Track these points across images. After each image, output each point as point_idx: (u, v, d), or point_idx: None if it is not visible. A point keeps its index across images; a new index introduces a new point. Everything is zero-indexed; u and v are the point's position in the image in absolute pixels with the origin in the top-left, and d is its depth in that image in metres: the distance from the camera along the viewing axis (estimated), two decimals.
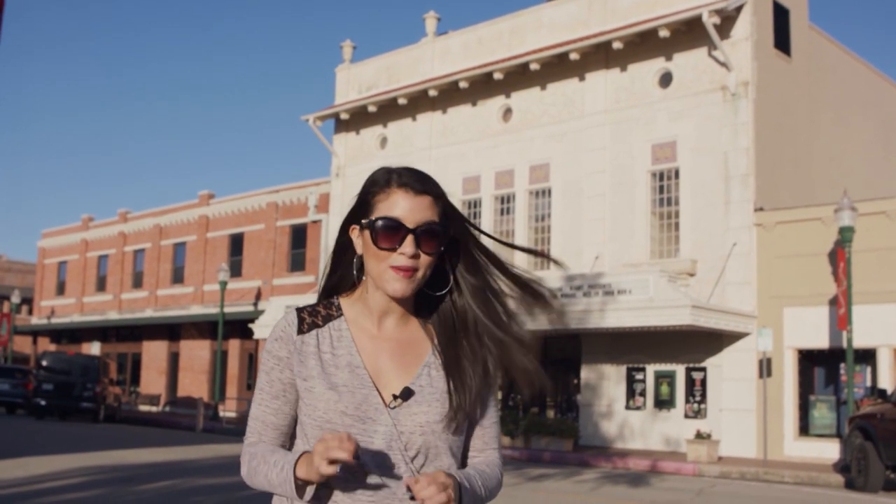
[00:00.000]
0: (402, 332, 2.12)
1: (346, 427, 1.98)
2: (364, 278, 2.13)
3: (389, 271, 2.02)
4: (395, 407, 2.01)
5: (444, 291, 2.14)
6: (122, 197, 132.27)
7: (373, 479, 1.98)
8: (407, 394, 2.03)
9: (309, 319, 2.11)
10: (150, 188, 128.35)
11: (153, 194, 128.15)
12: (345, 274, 2.18)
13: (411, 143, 31.73)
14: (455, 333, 2.14)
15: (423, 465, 2.02)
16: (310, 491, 1.94)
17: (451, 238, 2.10)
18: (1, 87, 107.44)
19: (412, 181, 2.05)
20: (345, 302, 2.15)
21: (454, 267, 2.15)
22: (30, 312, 56.47)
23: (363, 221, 2.06)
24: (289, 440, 2.13)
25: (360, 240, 2.09)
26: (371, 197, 2.07)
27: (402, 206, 2.02)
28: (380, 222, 2.02)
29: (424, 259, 2.03)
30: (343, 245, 2.17)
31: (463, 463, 2.14)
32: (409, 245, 2.00)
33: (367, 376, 2.04)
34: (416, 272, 2.03)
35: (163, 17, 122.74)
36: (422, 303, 2.16)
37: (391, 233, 2.01)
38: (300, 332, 2.09)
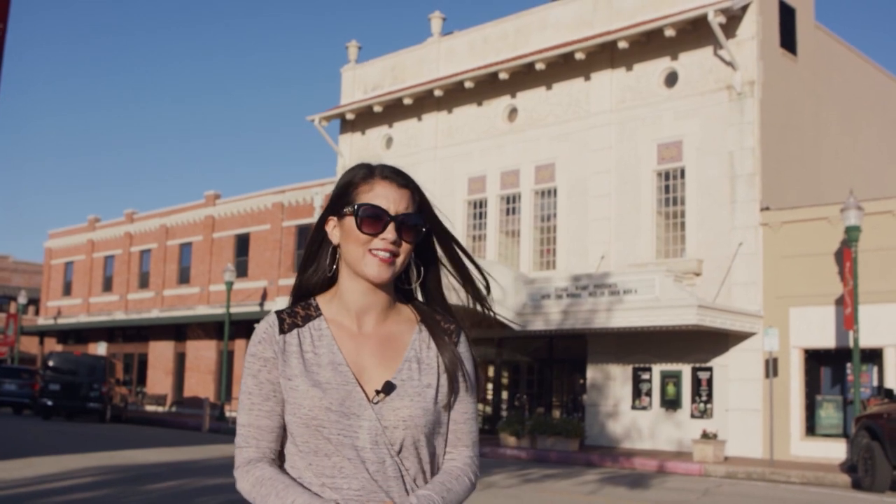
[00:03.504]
0: (381, 328, 2.16)
1: (332, 423, 2.02)
2: (337, 282, 2.18)
3: (369, 255, 2.09)
4: (377, 402, 2.05)
5: (414, 284, 2.22)
6: (129, 197, 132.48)
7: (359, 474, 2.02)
8: (388, 388, 2.06)
9: (289, 320, 2.14)
10: (156, 189, 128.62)
11: (159, 195, 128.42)
12: (318, 268, 2.22)
13: (417, 143, 31.75)
14: (430, 323, 2.21)
15: (408, 457, 2.06)
16: None
17: (426, 232, 2.18)
18: (7, 88, 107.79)
19: (394, 175, 2.18)
20: (322, 301, 2.19)
21: (427, 259, 2.24)
22: (36, 313, 56.60)
23: (345, 210, 2.13)
24: (281, 444, 2.13)
25: (336, 230, 2.16)
26: (352, 188, 2.15)
27: (385, 196, 2.12)
28: (365, 208, 2.10)
29: (404, 247, 2.11)
30: (320, 240, 2.22)
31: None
32: (391, 231, 2.09)
33: (350, 373, 2.07)
34: (396, 259, 2.10)
35: (168, 17, 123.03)
36: (398, 297, 2.23)
37: (375, 219, 2.09)
38: (282, 332, 2.12)
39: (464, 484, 2.15)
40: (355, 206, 2.11)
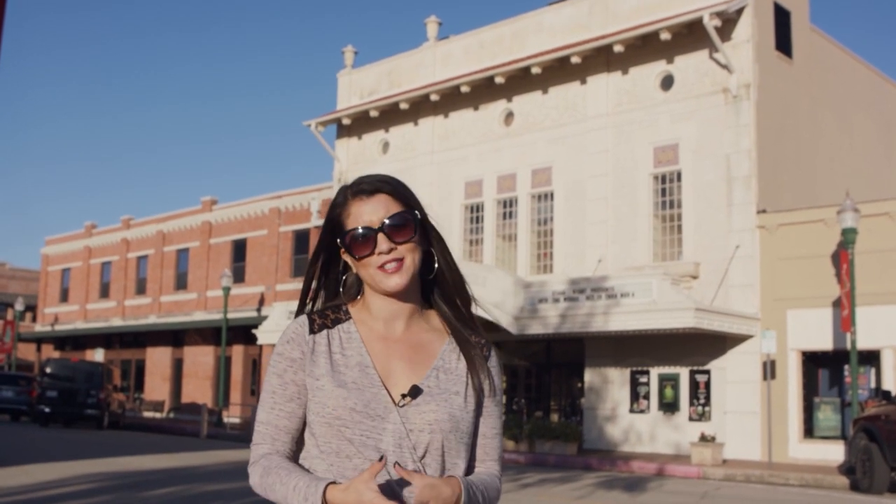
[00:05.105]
0: (411, 335, 2.17)
1: (355, 424, 2.02)
2: (362, 293, 2.20)
3: (379, 272, 2.10)
4: (403, 405, 2.05)
5: (433, 274, 2.20)
6: (125, 203, 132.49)
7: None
8: (415, 392, 2.06)
9: (319, 321, 2.16)
10: (152, 194, 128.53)
11: (156, 201, 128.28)
12: (331, 292, 2.24)
13: (413, 147, 31.76)
14: (453, 325, 2.23)
15: (431, 464, 2.04)
16: None
17: (422, 219, 2.16)
18: (3, 93, 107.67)
19: (363, 186, 2.15)
20: (352, 307, 2.21)
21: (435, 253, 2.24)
22: (33, 320, 56.54)
23: (339, 242, 2.15)
24: (298, 444, 2.15)
25: (351, 261, 2.17)
26: (337, 219, 2.17)
27: (361, 213, 2.12)
28: (349, 236, 2.11)
29: (403, 248, 2.10)
30: (325, 267, 2.23)
31: (468, 470, 2.17)
32: (383, 243, 2.09)
33: (377, 376, 2.08)
34: (404, 261, 2.10)
35: (165, 23, 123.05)
36: (427, 298, 2.24)
37: (362, 240, 2.10)
38: (311, 332, 2.13)
39: (496, 487, 2.16)
40: (343, 238, 2.13)
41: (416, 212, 2.15)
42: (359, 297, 2.21)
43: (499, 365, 2.25)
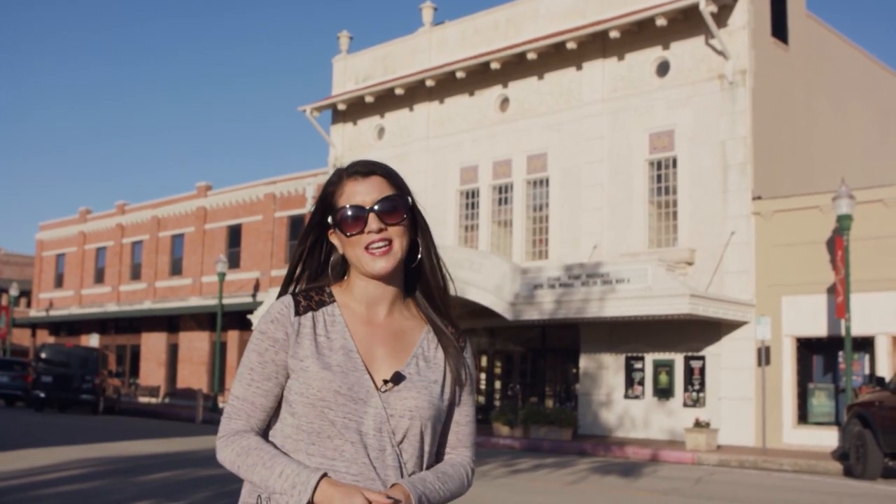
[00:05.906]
0: (392, 321, 2.20)
1: (339, 406, 2.04)
2: (347, 275, 2.22)
3: (366, 254, 2.11)
4: (386, 391, 2.08)
5: (416, 262, 2.22)
6: (120, 189, 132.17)
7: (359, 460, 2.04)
8: (398, 378, 2.10)
9: (304, 303, 2.17)
10: (147, 180, 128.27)
11: (151, 186, 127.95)
12: (313, 273, 2.26)
13: (409, 133, 31.69)
14: (431, 315, 2.25)
15: (408, 449, 2.09)
16: None
17: (412, 207, 2.18)
18: None
19: (358, 167, 2.18)
20: (336, 290, 2.22)
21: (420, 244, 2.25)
22: (28, 305, 56.46)
23: (330, 221, 2.17)
24: (268, 424, 2.17)
25: (339, 240, 2.19)
26: (330, 197, 2.18)
27: (355, 192, 2.14)
28: (341, 213, 2.13)
29: (393, 230, 2.13)
30: (312, 247, 2.25)
31: (439, 458, 2.23)
32: (373, 222, 2.11)
33: (360, 360, 2.11)
34: (392, 245, 2.12)
35: (159, 9, 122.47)
36: (408, 286, 2.26)
37: (354, 218, 2.12)
38: (297, 313, 2.14)
39: (461, 475, 2.20)
40: (335, 214, 2.15)
41: (409, 197, 2.18)
42: (344, 278, 2.23)
43: (472, 355, 2.29)
